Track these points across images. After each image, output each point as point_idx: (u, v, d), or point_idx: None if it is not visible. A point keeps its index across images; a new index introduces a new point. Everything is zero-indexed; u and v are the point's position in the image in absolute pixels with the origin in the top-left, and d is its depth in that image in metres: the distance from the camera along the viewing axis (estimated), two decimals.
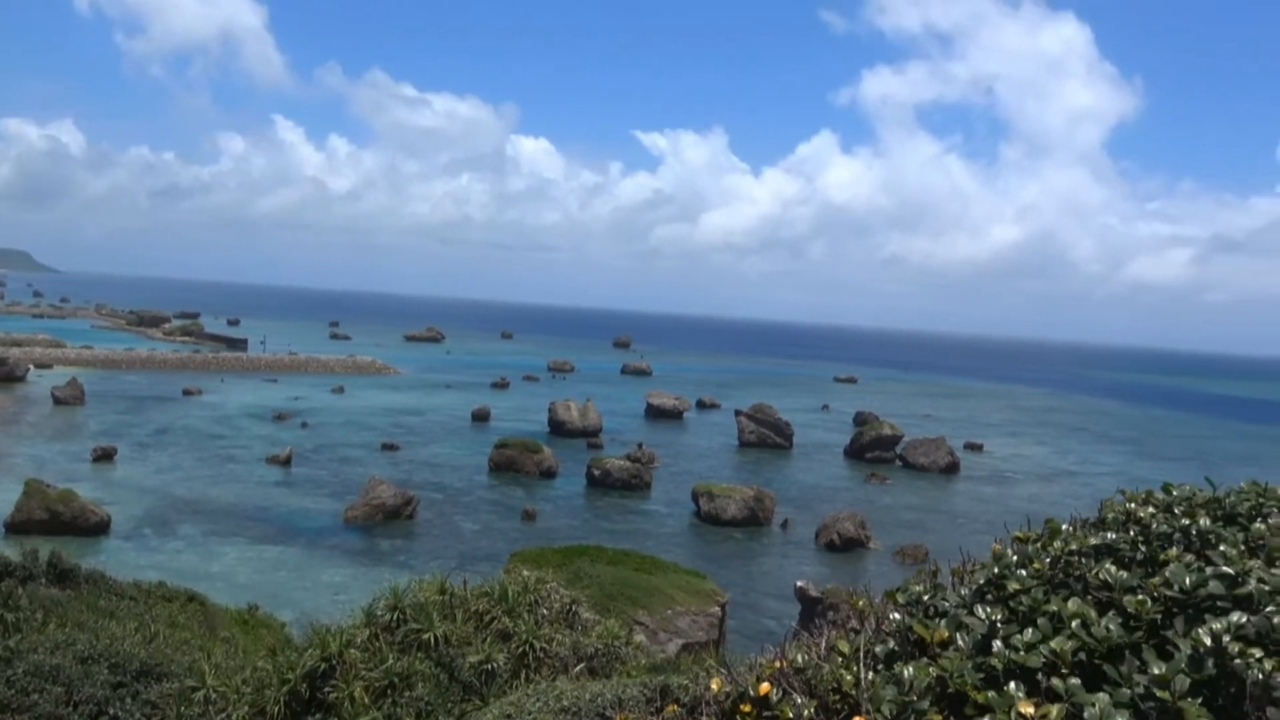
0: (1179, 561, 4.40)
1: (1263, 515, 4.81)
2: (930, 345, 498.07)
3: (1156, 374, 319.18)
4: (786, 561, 52.85)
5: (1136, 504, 5.04)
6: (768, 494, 62.97)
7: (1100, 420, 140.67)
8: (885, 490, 75.09)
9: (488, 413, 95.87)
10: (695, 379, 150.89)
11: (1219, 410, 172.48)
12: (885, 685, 3.98)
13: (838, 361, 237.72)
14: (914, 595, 4.61)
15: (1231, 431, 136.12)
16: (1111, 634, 4.05)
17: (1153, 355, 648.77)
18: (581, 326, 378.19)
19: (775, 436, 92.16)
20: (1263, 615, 3.97)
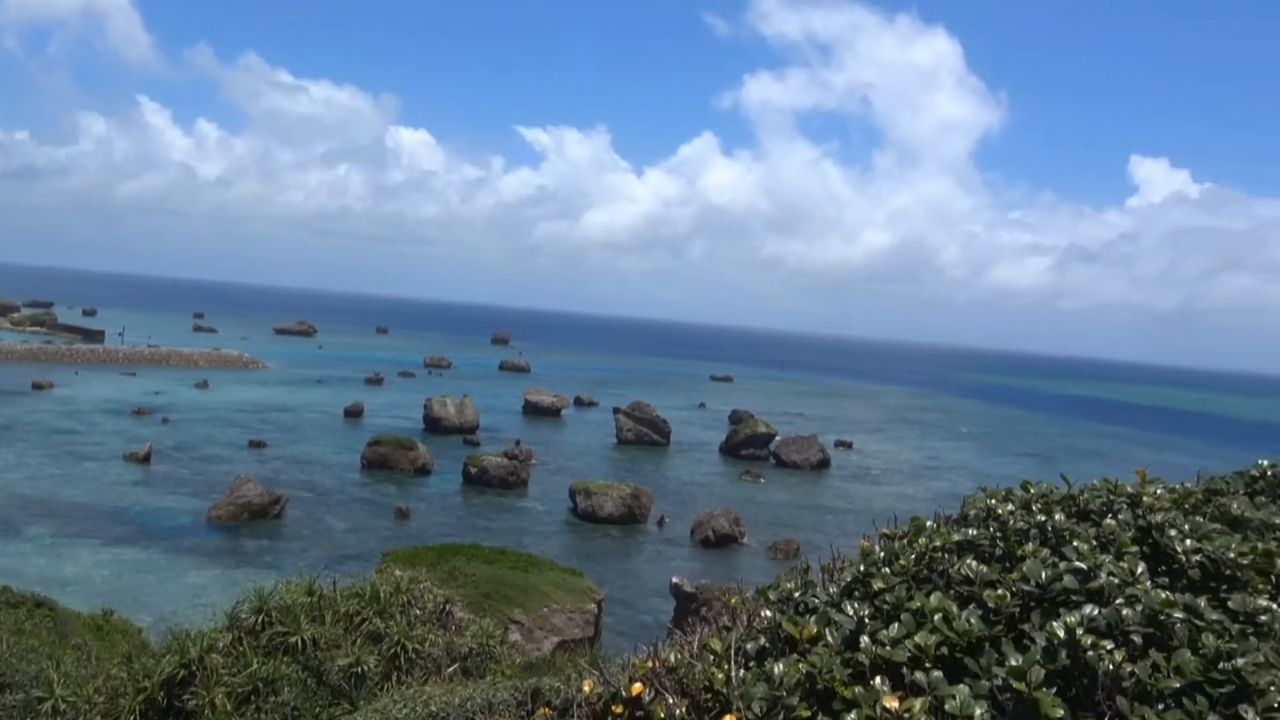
0: (1035, 557, 4.56)
1: (1113, 511, 5.03)
2: (804, 345, 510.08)
3: (1016, 375, 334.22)
4: (662, 558, 53.28)
5: (997, 501, 5.21)
6: (645, 491, 63.36)
7: (963, 419, 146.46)
8: (759, 487, 76.49)
9: (361, 409, 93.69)
10: (574, 377, 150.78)
11: (1072, 410, 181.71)
12: (756, 682, 4.00)
13: (715, 360, 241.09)
14: (785, 592, 4.66)
15: (1082, 430, 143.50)
16: (972, 628, 4.16)
17: (1012, 357, 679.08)
18: (459, 322, 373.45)
19: (653, 434, 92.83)
20: (1113, 608, 4.14)
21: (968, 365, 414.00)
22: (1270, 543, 4.81)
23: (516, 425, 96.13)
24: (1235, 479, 5.66)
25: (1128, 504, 5.09)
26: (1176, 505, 5.12)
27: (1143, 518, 4.89)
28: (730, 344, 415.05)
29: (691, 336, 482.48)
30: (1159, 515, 4.87)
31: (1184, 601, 4.23)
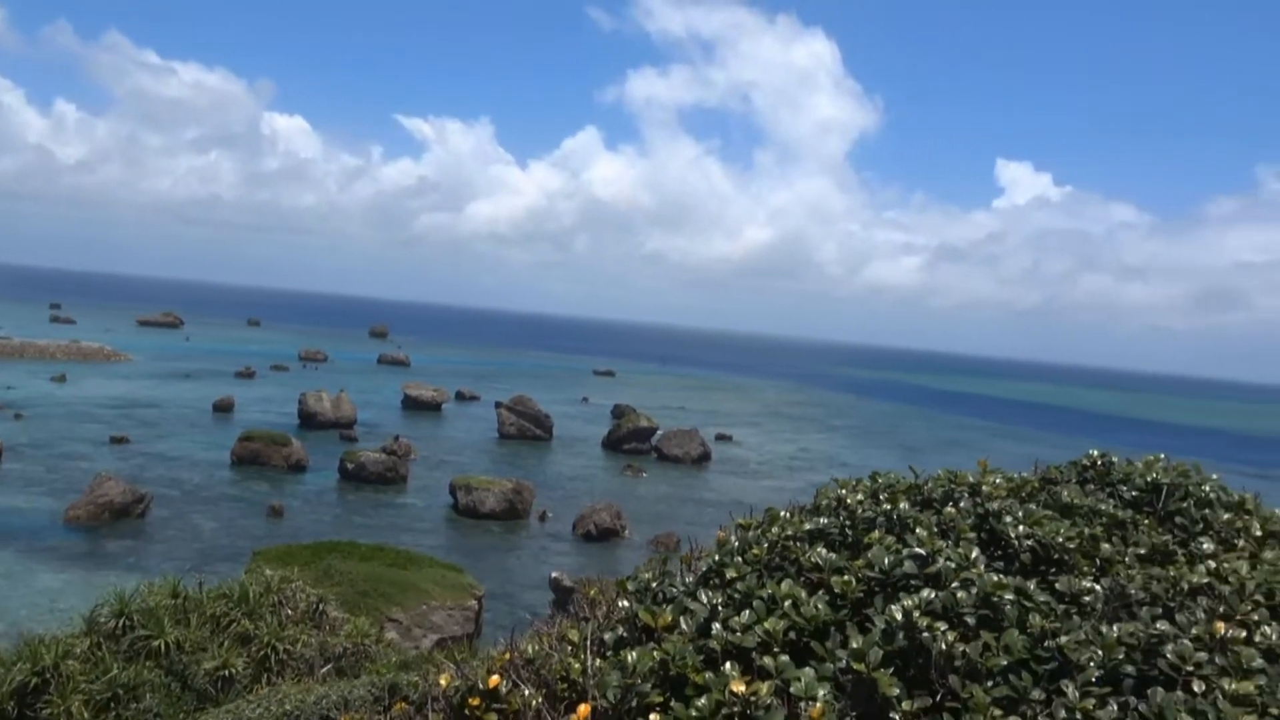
0: (881, 544, 4.76)
1: (954, 500, 5.29)
2: (686, 340, 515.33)
3: (889, 370, 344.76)
4: (544, 553, 53.15)
5: (847, 491, 5.42)
6: (526, 486, 63.07)
7: (838, 413, 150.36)
8: (641, 481, 77.00)
9: (231, 404, 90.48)
10: (455, 370, 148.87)
11: (941, 404, 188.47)
12: (611, 671, 4.08)
13: (598, 355, 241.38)
14: (643, 583, 4.76)
15: (950, 423, 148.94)
16: (819, 613, 4.33)
17: (886, 353, 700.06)
18: (337, 315, 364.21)
19: (535, 429, 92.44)
20: (949, 591, 4.36)
21: (844, 360, 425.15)
22: (1096, 527, 5.13)
23: (395, 420, 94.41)
24: (1069, 468, 6.01)
25: (968, 493, 5.36)
26: (1013, 494, 5.41)
27: (981, 505, 5.16)
28: (614, 338, 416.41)
29: (575, 330, 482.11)
30: (996, 503, 5.14)
31: (1015, 584, 4.49)
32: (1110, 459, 5.92)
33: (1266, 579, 4.75)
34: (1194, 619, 4.35)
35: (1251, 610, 4.53)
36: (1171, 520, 5.46)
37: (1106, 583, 4.60)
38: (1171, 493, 5.54)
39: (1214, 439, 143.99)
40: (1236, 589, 4.65)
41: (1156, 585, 4.63)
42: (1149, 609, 4.48)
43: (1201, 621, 4.32)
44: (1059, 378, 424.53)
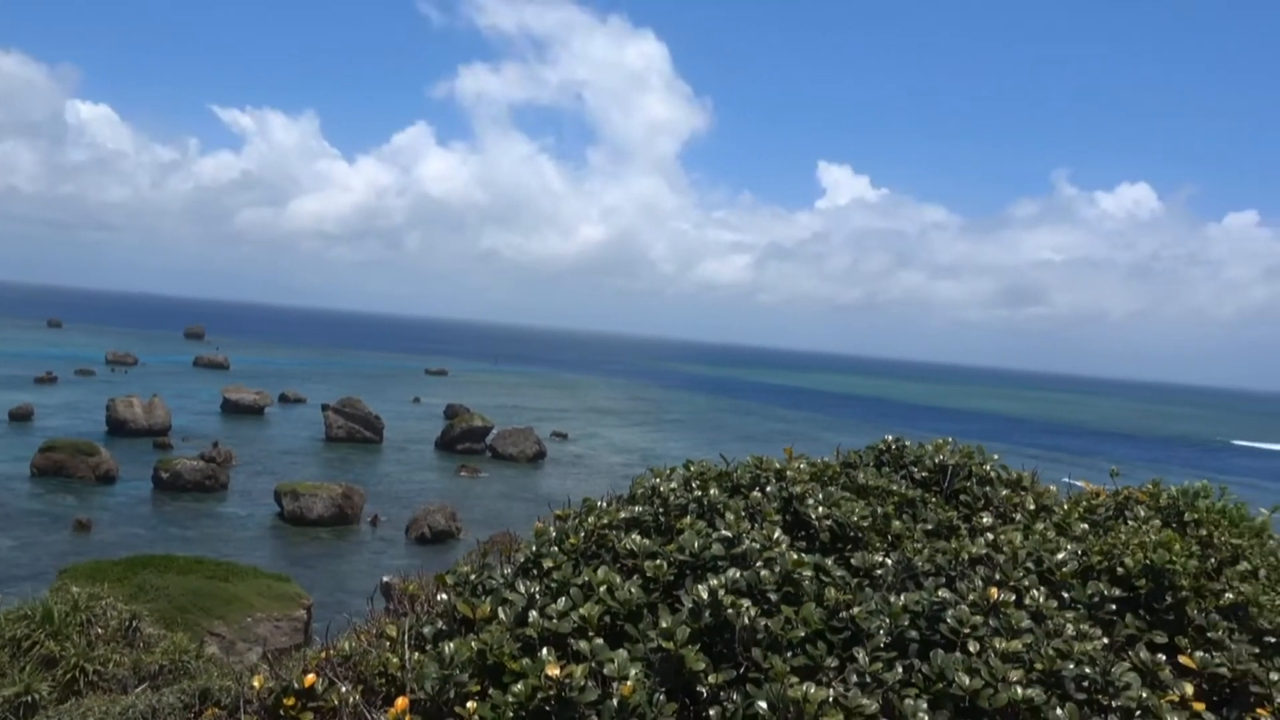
0: (692, 529, 4.99)
1: (760, 485, 5.59)
2: (521, 338, 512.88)
3: (720, 365, 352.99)
4: (378, 558, 51.94)
5: (661, 480, 5.63)
6: (357, 490, 61.46)
7: (671, 408, 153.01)
8: (476, 481, 76.28)
9: (30, 411, 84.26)
10: (279, 372, 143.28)
11: (769, 397, 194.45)
12: (429, 663, 4.14)
13: (430, 354, 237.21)
14: (462, 576, 4.82)
15: (777, 416, 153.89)
16: (633, 596, 4.50)
17: (717, 349, 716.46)
18: (149, 315, 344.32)
19: (365, 431, 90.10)
20: (753, 570, 4.62)
21: (676, 356, 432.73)
22: (889, 506, 5.52)
23: (214, 426, 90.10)
24: (867, 453, 6.42)
25: (775, 478, 5.67)
26: (815, 478, 5.75)
27: (786, 490, 5.47)
28: (446, 337, 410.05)
29: (406, 330, 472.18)
30: (799, 487, 5.46)
31: (814, 561, 4.79)
32: (904, 443, 6.36)
33: (1036, 548, 5.24)
34: (972, 586, 4.76)
35: (1023, 576, 4.99)
36: (957, 498, 5.93)
37: (896, 557, 4.97)
38: (957, 472, 6.02)
39: (1013, 425, 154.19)
40: (1010, 558, 5.11)
41: (941, 557, 5.03)
42: (934, 579, 4.87)
43: (979, 589, 4.73)
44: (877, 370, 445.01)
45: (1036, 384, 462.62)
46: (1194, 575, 5.13)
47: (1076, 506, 5.98)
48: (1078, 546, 5.30)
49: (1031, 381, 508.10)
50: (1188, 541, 5.35)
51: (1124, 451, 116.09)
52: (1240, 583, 5.14)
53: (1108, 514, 5.86)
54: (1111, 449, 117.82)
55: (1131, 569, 5.07)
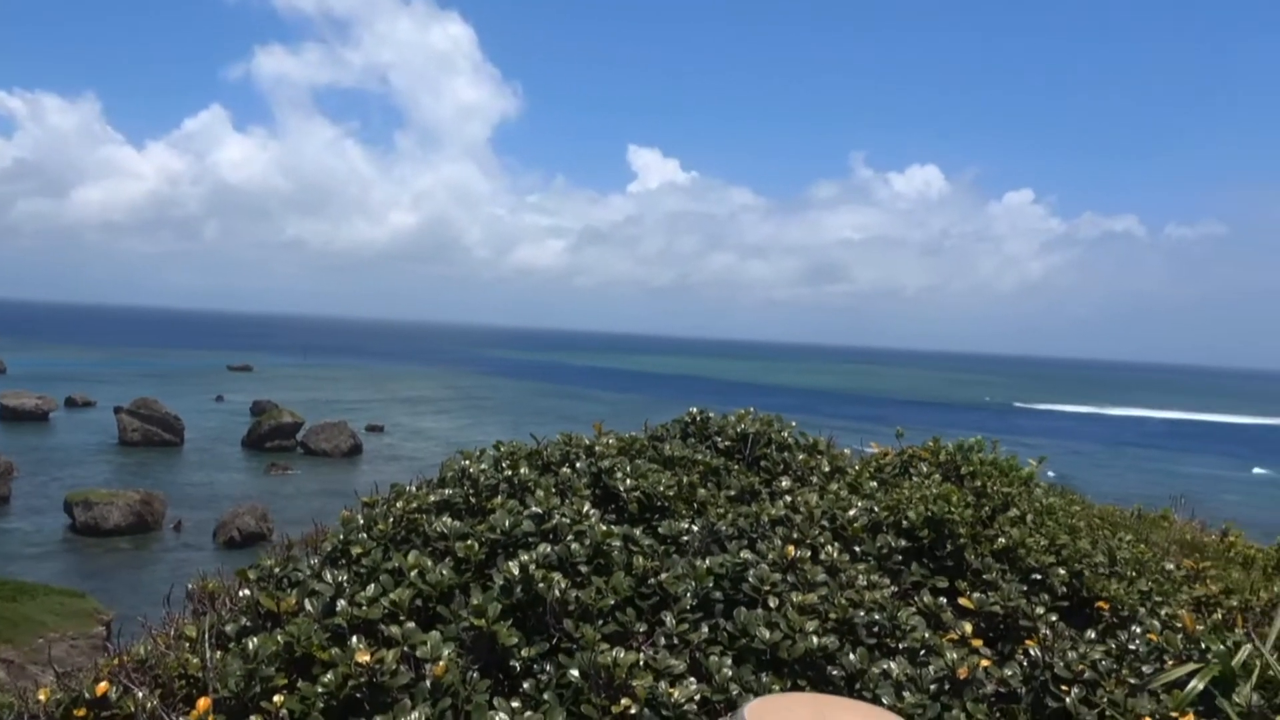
0: (503, 508, 5.02)
1: (570, 461, 5.68)
2: (331, 329, 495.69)
3: (538, 350, 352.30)
4: (183, 565, 49.19)
5: (471, 461, 5.64)
6: (157, 496, 58.07)
7: (489, 394, 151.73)
8: (288, 479, 73.41)
9: None
10: (63, 374, 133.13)
11: (584, 380, 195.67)
12: (232, 660, 4.02)
13: (233, 349, 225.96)
14: (266, 570, 4.69)
15: (590, 397, 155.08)
16: (444, 578, 4.51)
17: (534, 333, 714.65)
18: None
19: (164, 433, 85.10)
20: (564, 544, 4.70)
21: (494, 342, 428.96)
22: (694, 475, 5.71)
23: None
24: (673, 426, 6.63)
25: (584, 454, 5.77)
26: (623, 451, 5.89)
27: (595, 465, 5.59)
28: (250, 331, 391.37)
29: (206, 324, 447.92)
30: (608, 461, 5.58)
31: (623, 532, 4.92)
32: (708, 415, 6.60)
33: (831, 507, 5.56)
34: (772, 546, 5.01)
35: (819, 534, 5.29)
36: (758, 464, 6.20)
37: (701, 523, 5.17)
38: (757, 440, 6.30)
39: (822, 397, 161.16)
40: (807, 517, 5.40)
41: (743, 521, 5.27)
42: (737, 542, 5.09)
43: (778, 548, 4.99)
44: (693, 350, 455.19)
45: (842, 357, 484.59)
46: (970, 523, 5.56)
47: (867, 467, 6.38)
48: (868, 503, 5.65)
49: (837, 355, 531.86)
50: (964, 493, 5.79)
51: (923, 416, 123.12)
52: (1010, 527, 5.61)
53: (895, 472, 6.27)
54: (911, 415, 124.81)
55: (915, 521, 5.45)
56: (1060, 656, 4.56)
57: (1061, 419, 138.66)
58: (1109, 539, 5.76)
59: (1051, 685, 4.51)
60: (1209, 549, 6.66)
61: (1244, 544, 7.06)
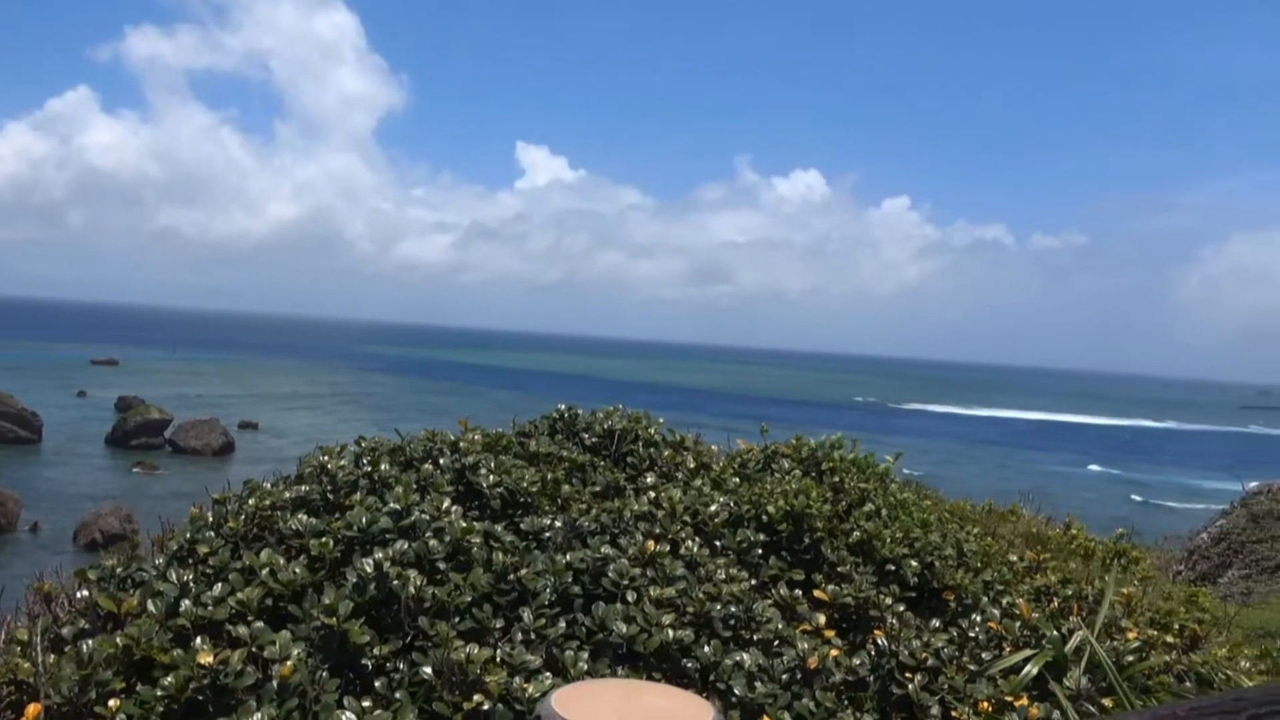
0: (361, 504, 4.94)
1: (433, 458, 5.62)
2: (205, 322, 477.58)
3: (422, 347, 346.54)
4: (40, 569, 46.79)
5: (330, 457, 5.53)
6: (11, 496, 54.94)
7: (370, 391, 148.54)
8: (155, 479, 70.40)
9: None
10: None
11: (468, 377, 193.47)
12: (66, 664, 3.85)
13: (97, 342, 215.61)
14: (107, 570, 4.51)
15: (471, 394, 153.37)
16: (296, 577, 4.41)
17: (419, 330, 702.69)
18: None
19: (19, 430, 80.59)
20: (422, 541, 4.65)
21: (377, 338, 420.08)
22: (559, 471, 5.72)
23: None
24: (542, 422, 6.62)
25: (449, 450, 5.72)
26: (489, 448, 5.86)
27: (459, 461, 5.54)
28: (117, 323, 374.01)
29: (69, 316, 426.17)
30: (472, 457, 5.55)
31: (484, 528, 4.90)
32: (576, 411, 6.62)
33: (693, 502, 5.64)
34: (633, 541, 5.06)
35: (680, 529, 5.36)
36: (624, 460, 6.25)
37: (564, 519, 5.18)
38: (624, 437, 6.35)
39: (708, 396, 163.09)
40: (669, 513, 5.47)
41: (606, 516, 5.30)
42: (599, 537, 5.12)
43: (639, 543, 5.04)
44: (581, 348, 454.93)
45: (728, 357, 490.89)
46: (827, 518, 5.72)
47: (732, 463, 6.49)
48: (730, 498, 5.75)
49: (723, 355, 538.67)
50: (823, 488, 5.95)
51: (801, 415, 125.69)
52: (866, 521, 5.80)
53: (758, 468, 6.41)
54: (790, 413, 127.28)
55: (774, 515, 5.58)
56: (905, 645, 4.73)
57: (931, 419, 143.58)
58: (958, 532, 6.01)
59: (897, 673, 4.68)
60: (1053, 542, 7.01)
61: (1084, 537, 7.44)
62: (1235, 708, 1.46)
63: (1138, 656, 4.91)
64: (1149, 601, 5.88)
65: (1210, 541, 12.97)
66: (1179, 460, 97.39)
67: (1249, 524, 12.87)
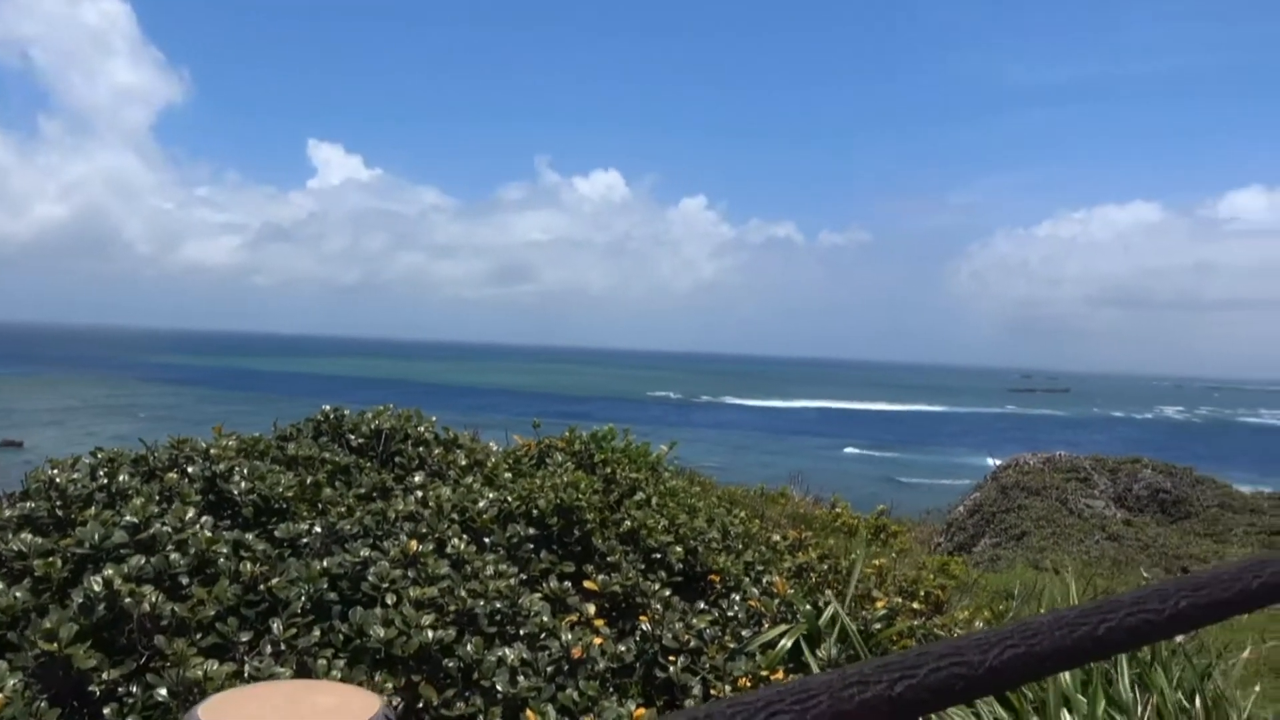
0: (96, 519, 4.60)
1: (179, 466, 5.31)
2: None
3: (205, 355, 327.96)
4: None
5: (60, 470, 5.13)
6: None
7: (145, 402, 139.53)
8: None
9: None
10: None
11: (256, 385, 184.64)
12: None
13: None
14: None
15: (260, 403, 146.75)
16: (17, 601, 4.06)
17: (205, 336, 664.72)
18: None
19: None
20: (162, 554, 4.37)
21: (159, 346, 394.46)
22: (320, 475, 5.52)
23: None
24: (306, 424, 6.37)
25: (199, 457, 5.41)
26: (244, 453, 5.59)
27: (210, 468, 5.25)
28: None
29: None
30: (224, 464, 5.27)
31: (233, 538, 4.65)
32: (343, 412, 6.41)
33: (461, 499, 5.57)
34: (397, 543, 4.94)
35: (447, 527, 5.28)
36: (393, 461, 6.10)
37: (323, 523, 5.00)
38: (393, 436, 6.20)
39: (513, 397, 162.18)
40: (436, 511, 5.38)
41: (369, 519, 5.15)
42: (361, 541, 4.97)
43: (403, 544, 4.92)
44: (384, 351, 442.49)
45: (534, 357, 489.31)
46: (599, 509, 5.78)
47: (505, 459, 6.46)
48: (501, 494, 5.71)
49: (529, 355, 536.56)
50: (594, 480, 6.01)
51: (605, 411, 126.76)
52: (636, 510, 5.89)
53: (531, 463, 6.40)
54: (596, 410, 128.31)
55: (545, 509, 5.59)
56: (669, 629, 4.83)
57: (732, 411, 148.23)
58: (724, 516, 6.20)
59: (660, 657, 4.77)
60: (818, 521, 7.34)
61: (849, 515, 7.84)
62: (918, 663, 1.52)
63: (885, 623, 5.21)
64: (901, 572, 6.25)
65: (966, 514, 14.01)
66: (950, 441, 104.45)
67: (999, 496, 14.00)
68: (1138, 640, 1.92)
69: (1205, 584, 2.08)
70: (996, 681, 1.68)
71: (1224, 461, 61.90)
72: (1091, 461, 17.36)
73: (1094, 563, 11.63)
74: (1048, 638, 1.74)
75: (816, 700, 1.40)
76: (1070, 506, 14.21)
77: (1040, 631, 1.76)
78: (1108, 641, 1.84)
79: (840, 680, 1.46)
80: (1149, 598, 1.92)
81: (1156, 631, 2.01)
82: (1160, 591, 1.95)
